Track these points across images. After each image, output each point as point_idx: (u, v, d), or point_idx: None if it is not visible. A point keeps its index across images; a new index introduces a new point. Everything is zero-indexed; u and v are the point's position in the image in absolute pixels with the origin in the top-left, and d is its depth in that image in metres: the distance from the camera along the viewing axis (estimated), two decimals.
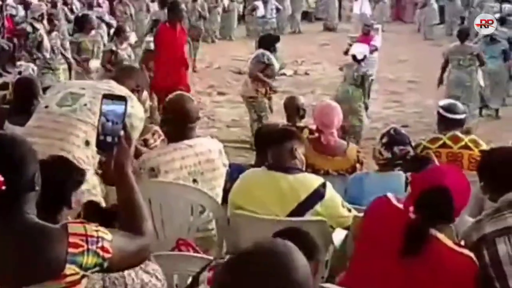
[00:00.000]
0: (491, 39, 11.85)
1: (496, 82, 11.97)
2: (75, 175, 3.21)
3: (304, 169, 4.16)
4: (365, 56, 10.08)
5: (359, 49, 10.28)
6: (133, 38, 12.27)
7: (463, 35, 11.42)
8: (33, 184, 2.32)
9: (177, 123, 4.38)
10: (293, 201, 3.92)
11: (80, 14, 12.62)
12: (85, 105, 4.00)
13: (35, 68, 7.80)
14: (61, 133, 3.95)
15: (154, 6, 16.42)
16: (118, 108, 2.50)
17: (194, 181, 4.31)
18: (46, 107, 4.17)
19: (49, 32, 11.05)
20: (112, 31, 12.33)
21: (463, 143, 5.41)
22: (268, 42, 10.06)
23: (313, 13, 26.48)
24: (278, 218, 3.87)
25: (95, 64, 10.73)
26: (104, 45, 11.47)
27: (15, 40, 14.20)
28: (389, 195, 3.18)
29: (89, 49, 10.79)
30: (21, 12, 15.99)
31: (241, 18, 22.33)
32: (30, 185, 2.31)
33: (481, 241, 3.12)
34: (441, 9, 23.33)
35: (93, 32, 11.15)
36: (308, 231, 3.04)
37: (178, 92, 4.99)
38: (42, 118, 4.15)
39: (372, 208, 3.26)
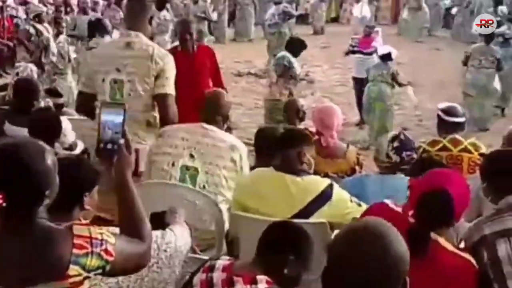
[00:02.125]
0: (505, 40, 11.88)
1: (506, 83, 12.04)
2: (90, 175, 3.22)
3: (312, 172, 4.19)
4: (391, 55, 10.25)
5: (386, 49, 10.40)
6: None
7: (489, 36, 11.47)
8: (42, 199, 2.34)
9: (208, 110, 4.66)
10: (300, 203, 3.94)
11: (93, 19, 12.51)
12: None
13: (35, 68, 7.78)
14: None
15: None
16: (117, 117, 2.54)
17: (191, 155, 4.47)
18: None
19: (56, 35, 10.93)
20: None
21: (463, 146, 5.41)
22: (294, 46, 10.01)
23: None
24: (278, 220, 3.87)
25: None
26: None
27: (15, 41, 14.18)
28: (387, 201, 3.19)
29: None
30: (21, 13, 15.99)
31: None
32: (40, 201, 2.34)
33: (481, 242, 3.13)
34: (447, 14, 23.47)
35: (107, 37, 11.04)
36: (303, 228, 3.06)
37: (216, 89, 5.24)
38: None
39: (370, 214, 3.25)
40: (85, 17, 13.56)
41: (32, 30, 11.48)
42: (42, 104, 6.28)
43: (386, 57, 10.33)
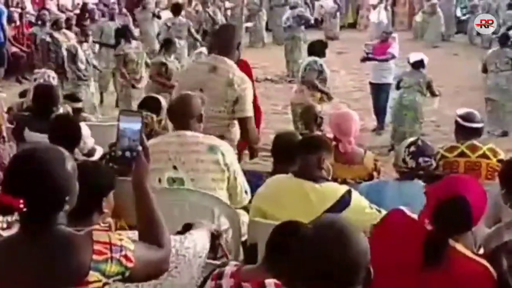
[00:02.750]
0: None
1: None
2: (107, 180, 3.24)
3: (330, 178, 4.20)
4: (423, 62, 10.17)
5: (418, 56, 10.33)
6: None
7: (504, 39, 11.44)
8: (62, 205, 2.36)
9: (178, 117, 4.59)
10: (319, 209, 3.93)
11: (120, 25, 12.53)
12: None
13: (52, 74, 7.80)
14: None
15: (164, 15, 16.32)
16: (135, 124, 2.55)
17: (174, 167, 4.44)
18: None
19: (81, 43, 10.97)
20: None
21: (481, 152, 5.39)
22: (318, 49, 10.01)
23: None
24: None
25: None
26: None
27: (33, 48, 14.27)
28: (403, 208, 3.18)
29: (134, 60, 10.70)
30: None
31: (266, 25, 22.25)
32: (59, 206, 2.35)
33: (500, 249, 3.11)
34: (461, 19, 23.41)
35: (134, 43, 11.06)
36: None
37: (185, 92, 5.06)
38: None
39: (386, 221, 3.26)
40: (112, 23, 13.66)
41: (48, 39, 11.51)
42: (61, 110, 6.32)
43: (419, 64, 10.19)
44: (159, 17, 16.04)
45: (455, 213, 2.92)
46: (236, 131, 5.59)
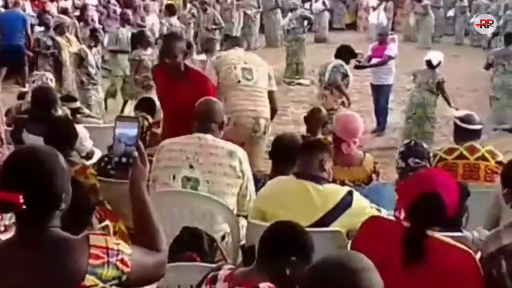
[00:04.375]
0: None
1: None
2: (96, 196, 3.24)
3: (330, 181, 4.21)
4: (439, 62, 10.18)
5: (434, 55, 10.31)
6: None
7: (509, 38, 11.47)
8: (59, 203, 2.35)
9: (201, 119, 4.67)
10: (321, 211, 3.96)
11: (136, 31, 12.37)
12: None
13: (50, 76, 7.78)
14: None
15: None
16: (131, 130, 2.55)
17: (191, 166, 4.49)
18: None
19: (90, 47, 10.89)
20: None
21: (480, 154, 5.39)
22: (345, 54, 10.01)
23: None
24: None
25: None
26: None
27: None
28: (381, 213, 3.20)
29: (148, 67, 10.49)
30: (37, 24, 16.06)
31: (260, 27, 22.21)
32: (56, 204, 2.35)
33: (499, 252, 3.10)
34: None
35: (150, 49, 10.95)
36: (306, 232, 3.06)
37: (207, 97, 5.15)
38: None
39: (364, 227, 3.28)
40: (124, 29, 13.30)
41: (49, 42, 11.45)
42: (60, 112, 6.32)
43: (432, 63, 10.17)
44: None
45: (428, 208, 2.96)
46: None
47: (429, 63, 10.11)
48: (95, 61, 10.76)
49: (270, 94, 6.89)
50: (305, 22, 16.84)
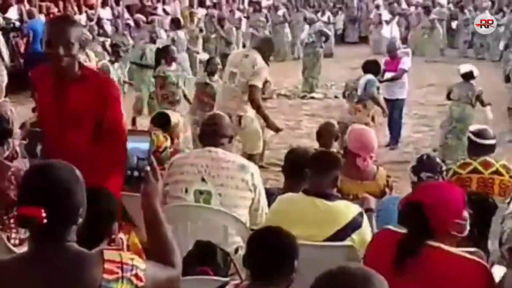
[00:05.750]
0: None
1: None
2: (116, 206, 3.25)
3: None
4: (473, 73, 10.12)
5: (470, 68, 10.28)
6: None
7: None
8: (76, 217, 2.36)
9: (209, 135, 4.70)
10: (331, 228, 3.96)
11: (161, 46, 12.29)
12: None
13: None
14: None
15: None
16: (143, 144, 2.57)
17: (203, 179, 4.51)
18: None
19: (112, 62, 10.79)
20: None
21: (494, 168, 5.38)
22: (374, 68, 10.09)
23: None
24: (304, 242, 3.86)
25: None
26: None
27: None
28: (390, 226, 3.22)
29: (174, 83, 10.42)
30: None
31: None
32: (74, 219, 2.36)
33: None
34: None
35: (174, 65, 10.89)
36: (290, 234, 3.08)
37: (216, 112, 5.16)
38: None
39: (376, 240, 3.31)
40: (153, 46, 12.98)
41: None
42: None
43: (468, 76, 10.10)
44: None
45: (410, 217, 3.00)
46: None
47: (465, 76, 10.09)
48: (117, 76, 10.67)
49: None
50: (323, 38, 16.84)
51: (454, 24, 23.92)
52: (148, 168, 2.57)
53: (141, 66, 12.72)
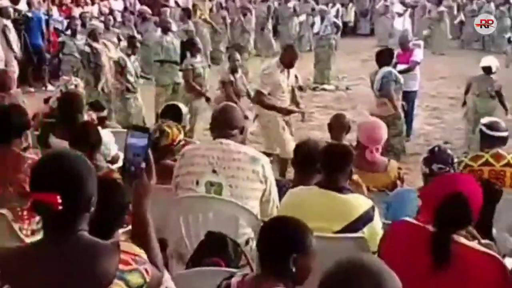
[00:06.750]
0: None
1: None
2: (127, 197, 3.25)
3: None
4: (495, 68, 10.10)
5: (492, 61, 10.25)
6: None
7: None
8: (89, 206, 2.38)
9: (220, 126, 4.64)
10: (344, 221, 3.95)
11: (185, 39, 12.18)
12: None
13: (77, 82, 7.76)
14: None
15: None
16: (141, 140, 2.59)
17: (214, 171, 4.49)
18: None
19: (128, 55, 10.79)
20: None
21: (505, 161, 5.37)
22: (387, 58, 9.95)
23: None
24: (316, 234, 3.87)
25: None
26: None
27: (61, 55, 14.31)
28: (407, 218, 3.20)
29: (201, 74, 10.51)
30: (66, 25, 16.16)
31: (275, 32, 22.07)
32: (87, 207, 2.38)
33: None
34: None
35: (199, 56, 10.89)
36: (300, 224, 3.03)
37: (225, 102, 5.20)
38: None
39: (392, 232, 3.29)
40: (169, 37, 12.56)
41: (87, 49, 11.33)
42: (86, 117, 6.37)
43: (489, 69, 10.07)
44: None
45: (456, 209, 2.98)
46: None
47: (486, 69, 10.04)
48: (134, 69, 10.69)
49: None
50: (336, 29, 16.83)
51: (461, 16, 23.81)
52: (143, 165, 2.59)
53: (162, 61, 12.26)
